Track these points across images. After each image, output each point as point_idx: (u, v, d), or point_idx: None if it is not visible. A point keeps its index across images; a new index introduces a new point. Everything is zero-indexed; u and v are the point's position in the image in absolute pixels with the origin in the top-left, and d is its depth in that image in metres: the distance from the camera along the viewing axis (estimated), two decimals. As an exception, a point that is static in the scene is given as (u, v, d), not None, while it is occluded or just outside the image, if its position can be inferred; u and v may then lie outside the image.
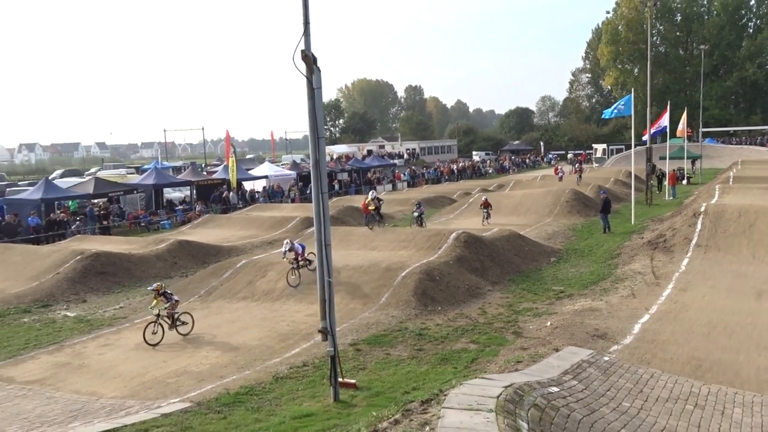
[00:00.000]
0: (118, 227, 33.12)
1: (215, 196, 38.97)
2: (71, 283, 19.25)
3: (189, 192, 39.71)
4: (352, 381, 10.13)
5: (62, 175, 55.74)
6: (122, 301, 18.00)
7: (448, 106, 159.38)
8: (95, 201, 33.93)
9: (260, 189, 42.81)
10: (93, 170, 65.41)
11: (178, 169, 56.79)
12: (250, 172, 46.01)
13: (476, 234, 20.28)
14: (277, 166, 52.69)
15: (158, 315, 13.79)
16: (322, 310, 9.58)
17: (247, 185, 42.62)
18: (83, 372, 12.20)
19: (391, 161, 65.73)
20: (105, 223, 32.13)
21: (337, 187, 45.92)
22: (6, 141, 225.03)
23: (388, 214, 33.77)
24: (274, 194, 42.17)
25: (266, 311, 16.03)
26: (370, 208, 23.02)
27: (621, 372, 9.51)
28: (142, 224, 33.88)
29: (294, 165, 51.07)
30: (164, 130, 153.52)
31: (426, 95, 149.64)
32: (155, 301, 13.97)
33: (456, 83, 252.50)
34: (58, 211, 31.42)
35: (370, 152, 75.14)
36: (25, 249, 23.57)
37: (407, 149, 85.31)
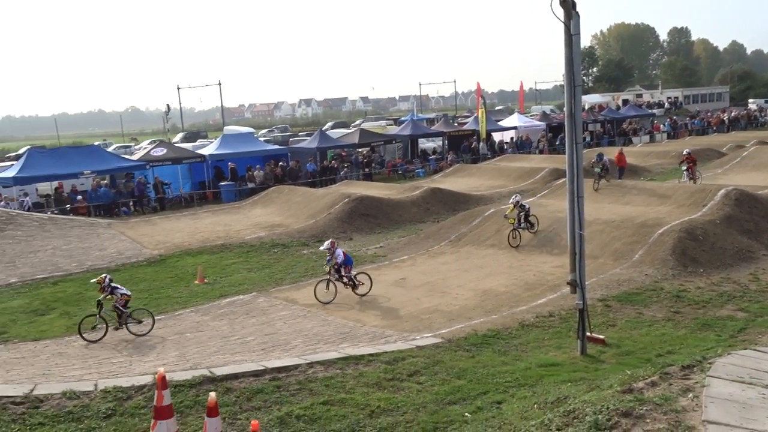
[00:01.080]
0: (378, 174, 35.89)
1: (465, 146, 39.95)
2: (340, 223, 21.61)
3: (441, 142, 41.25)
4: (601, 336, 9.95)
5: (333, 127, 61.70)
6: (382, 241, 19.72)
7: (720, 48, 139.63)
8: (359, 150, 37.09)
9: (509, 140, 42.74)
10: (357, 122, 71.16)
11: (431, 121, 59.11)
12: (499, 123, 46.03)
13: (750, 191, 17.98)
14: (526, 117, 51.88)
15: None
16: (572, 263, 9.49)
17: (496, 136, 42.81)
18: (350, 302, 13.78)
19: (649, 111, 60.27)
20: (367, 170, 35.09)
21: (588, 138, 43.78)
22: (289, 97, 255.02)
23: (645, 167, 31.43)
24: (522, 145, 41.78)
25: (513, 260, 16.31)
26: (510, 221, 17.54)
27: None
28: (399, 172, 36.25)
29: (543, 116, 49.76)
30: (419, 84, 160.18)
31: (693, 38, 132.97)
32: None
33: (730, 22, 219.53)
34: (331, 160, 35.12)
35: (625, 102, 69.79)
36: (305, 191, 26.90)
37: (668, 98, 77.30)
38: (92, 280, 12.75)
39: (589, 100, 71.46)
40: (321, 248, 14.67)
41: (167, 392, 5.70)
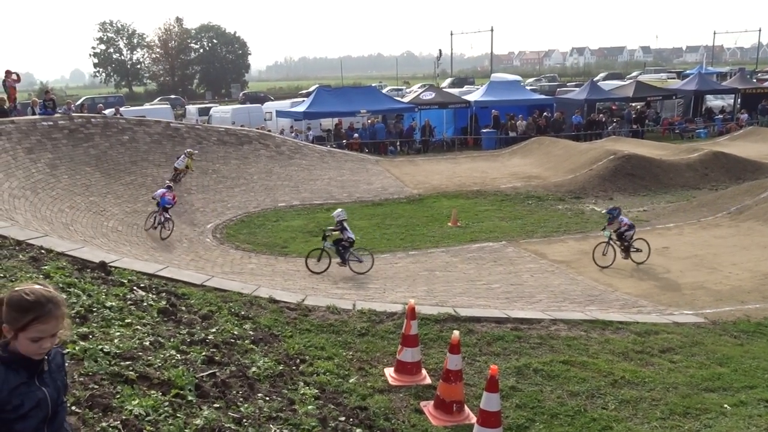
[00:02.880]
0: (652, 132, 32.95)
1: (764, 106, 34.43)
2: (601, 180, 20.45)
3: (733, 100, 36.17)
4: None
5: (605, 78, 57.94)
6: (646, 205, 18.25)
7: None
8: (633, 104, 34.32)
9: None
10: (634, 74, 65.79)
11: (723, 76, 52.04)
12: (814, 80, 38.77)
13: None
14: None
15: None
16: None
17: (809, 96, 36.11)
18: (604, 261, 13.09)
19: None
20: (637, 126, 32.37)
21: None
22: (561, 45, 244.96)
23: None
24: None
25: (810, 244, 13.88)
26: None
27: None
28: (677, 131, 32.82)
29: None
30: (713, 33, 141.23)
31: None
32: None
33: None
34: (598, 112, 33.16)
35: None
36: (567, 144, 25.90)
37: None
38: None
39: None
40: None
41: (415, 323, 6.05)
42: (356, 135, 28.76)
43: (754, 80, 44.77)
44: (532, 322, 7.97)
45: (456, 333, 5.46)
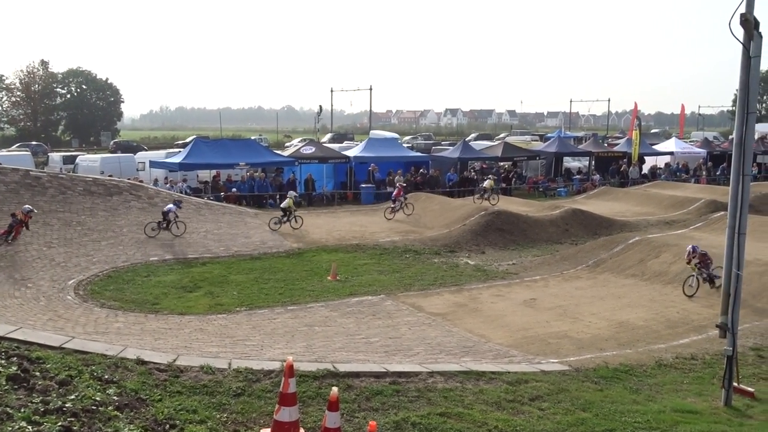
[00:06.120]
0: (518, 189, 35.17)
1: (614, 168, 38.05)
2: (474, 235, 21.42)
3: (588, 162, 39.61)
4: (750, 389, 9.00)
5: (476, 138, 61.38)
6: (515, 258, 19.28)
7: None
8: (501, 164, 36.56)
9: (663, 165, 40.08)
10: (502, 135, 70.22)
11: (579, 139, 56.93)
12: (654, 146, 43.39)
13: None
14: (685, 142, 48.44)
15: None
16: (725, 304, 8.68)
17: (649, 161, 40.36)
18: (476, 315, 13.58)
19: (832, 146, 53.69)
20: (505, 185, 34.42)
21: (756, 171, 39.94)
22: (436, 106, 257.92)
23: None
24: (678, 172, 39.02)
25: (655, 293, 15.25)
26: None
27: None
28: (540, 189, 35.27)
29: (705, 143, 46.23)
30: (570, 101, 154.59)
31: None
32: None
33: None
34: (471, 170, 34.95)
35: (808, 133, 62.65)
36: (442, 200, 26.99)
37: None
38: None
39: (761, 129, 65.03)
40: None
41: (293, 380, 5.93)
42: (234, 189, 28.28)
43: (605, 144, 49.40)
44: (410, 376, 8.06)
45: (334, 390, 5.42)
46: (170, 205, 20.58)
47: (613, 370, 9.85)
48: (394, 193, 25.82)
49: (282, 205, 23.13)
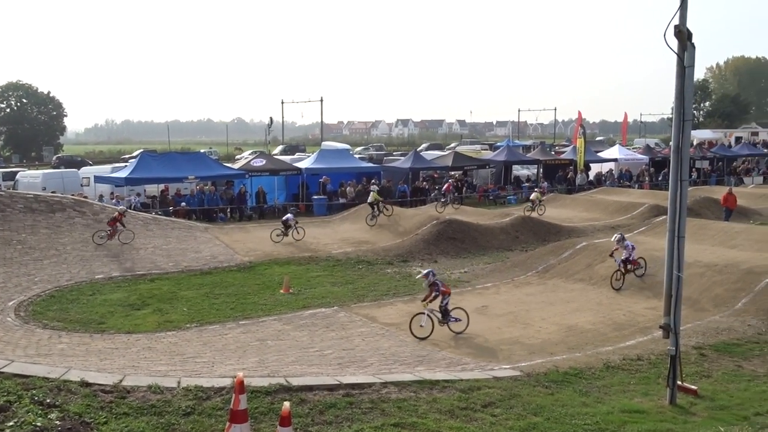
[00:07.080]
0: (469, 198, 35.62)
1: (561, 176, 39.01)
2: (426, 244, 21.56)
3: (536, 170, 40.46)
4: (693, 387, 9.30)
5: (428, 148, 61.95)
6: (467, 266, 19.49)
7: None
8: (452, 173, 36.97)
9: (607, 172, 41.35)
10: (453, 145, 71.10)
11: (527, 148, 58.22)
12: (598, 154, 44.65)
13: None
14: (628, 149, 50.10)
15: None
16: (667, 306, 8.97)
17: (595, 167, 41.53)
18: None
19: (765, 150, 56.43)
20: (457, 193, 34.82)
21: (695, 175, 41.57)
22: (387, 117, 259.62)
23: (756, 210, 29.46)
24: (621, 178, 40.27)
25: (602, 297, 15.64)
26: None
27: None
28: (490, 197, 35.82)
29: (647, 149, 47.87)
30: (518, 110, 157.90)
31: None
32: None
33: None
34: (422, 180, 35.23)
35: (739, 139, 65.71)
36: (395, 210, 27.03)
37: (789, 138, 71.86)
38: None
39: (698, 135, 67.80)
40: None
41: (244, 397, 5.84)
42: (183, 204, 27.74)
43: (553, 152, 50.54)
44: (363, 387, 8.04)
45: (286, 404, 5.36)
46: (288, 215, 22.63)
47: (563, 374, 10.03)
48: (444, 188, 29.86)
49: (369, 200, 25.02)
